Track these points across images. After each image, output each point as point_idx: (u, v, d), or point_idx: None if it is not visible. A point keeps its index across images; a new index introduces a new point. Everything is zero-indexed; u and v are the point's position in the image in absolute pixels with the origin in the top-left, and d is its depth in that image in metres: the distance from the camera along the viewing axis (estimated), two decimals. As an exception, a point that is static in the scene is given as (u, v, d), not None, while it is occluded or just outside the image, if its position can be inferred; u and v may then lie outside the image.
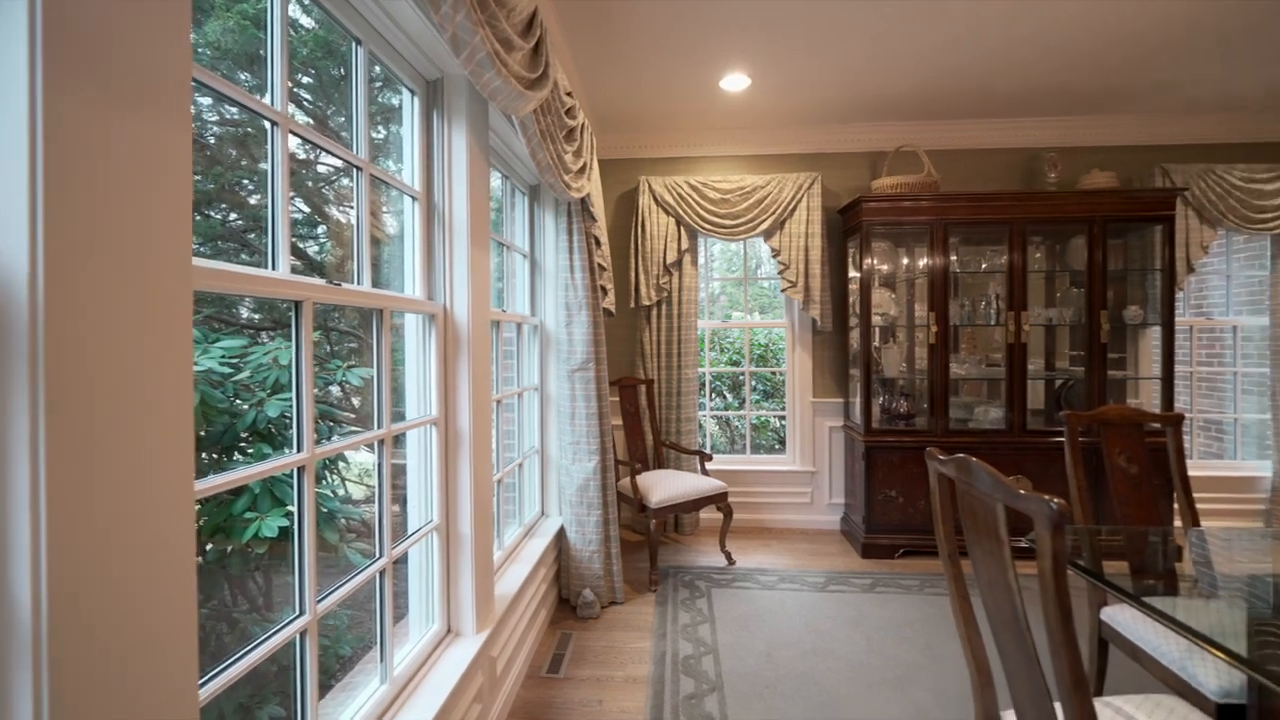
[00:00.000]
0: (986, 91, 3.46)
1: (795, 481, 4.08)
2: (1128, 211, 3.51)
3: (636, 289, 3.99)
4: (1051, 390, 3.86)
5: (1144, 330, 3.74)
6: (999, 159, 4.03)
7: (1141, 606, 1.28)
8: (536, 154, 2.01)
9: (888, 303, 3.94)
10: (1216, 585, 1.53)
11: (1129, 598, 1.32)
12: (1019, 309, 3.51)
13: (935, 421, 3.52)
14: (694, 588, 3.00)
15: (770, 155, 4.14)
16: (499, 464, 2.43)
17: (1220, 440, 4.23)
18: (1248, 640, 1.32)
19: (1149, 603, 1.28)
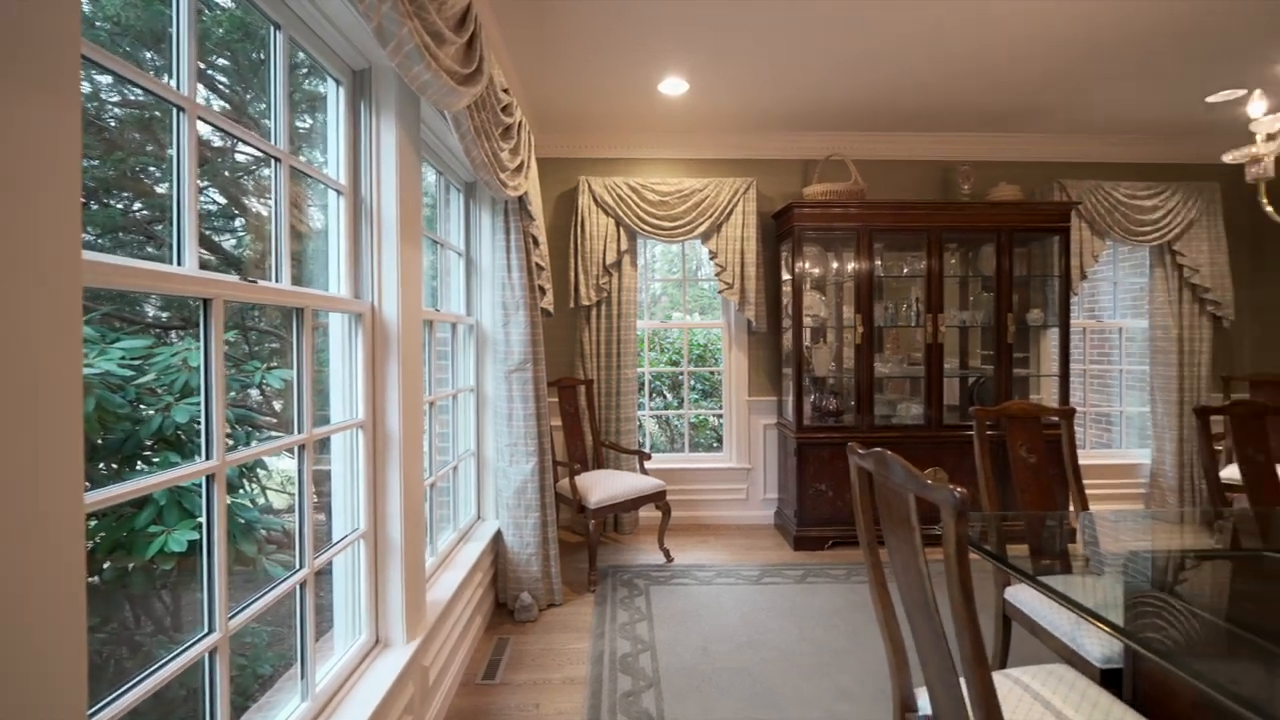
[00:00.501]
0: (909, 107, 3.67)
1: (731, 478, 4.19)
2: (1030, 222, 3.81)
3: (576, 289, 3.98)
4: (965, 387, 4.14)
5: (1045, 331, 4.07)
6: (919, 170, 4.28)
7: (1036, 585, 1.40)
8: (471, 151, 1.97)
9: (818, 305, 4.11)
10: (1103, 562, 1.69)
11: (1025, 577, 1.44)
12: (936, 311, 3.74)
13: (861, 418, 3.70)
14: (633, 586, 3.02)
15: (708, 159, 4.22)
16: (432, 468, 2.36)
17: (1109, 431, 4.67)
18: (1125, 611, 1.47)
19: (1043, 581, 1.40)
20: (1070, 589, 1.74)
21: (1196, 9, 2.55)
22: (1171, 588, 1.48)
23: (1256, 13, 2.58)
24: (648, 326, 4.70)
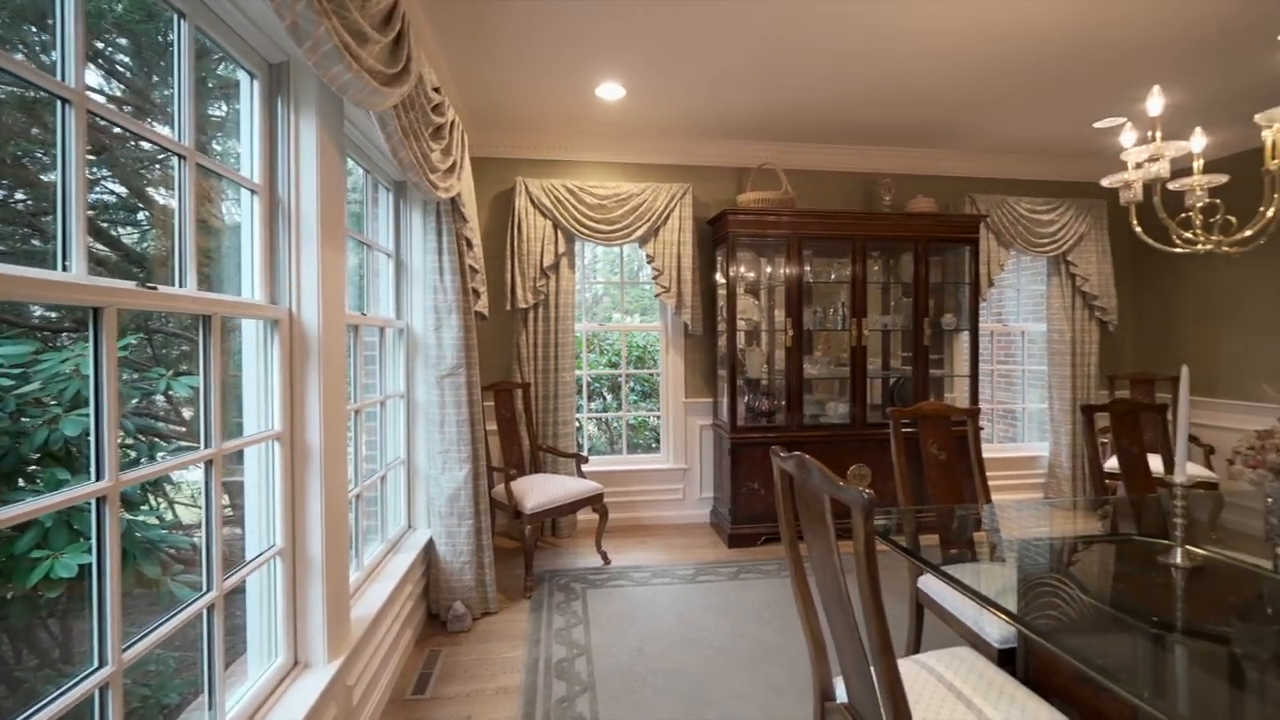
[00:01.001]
0: (837, 120, 3.84)
1: (669, 479, 4.25)
2: (944, 233, 4.08)
3: (513, 291, 3.93)
4: (887, 386, 4.38)
5: (957, 334, 4.36)
6: (845, 181, 4.49)
7: (939, 574, 1.51)
8: (398, 152, 1.92)
9: (752, 308, 4.24)
10: (1002, 550, 1.84)
11: (930, 567, 1.55)
12: (860, 316, 3.94)
13: (792, 418, 3.85)
14: (570, 590, 3.02)
15: (646, 164, 4.27)
16: (358, 478, 2.27)
17: (1014, 425, 5.06)
18: (1018, 595, 1.60)
19: (945, 570, 1.52)
20: (973, 577, 1.88)
21: (1082, 48, 2.81)
22: (1056, 571, 1.62)
23: (1131, 52, 2.86)
24: (586, 329, 4.70)
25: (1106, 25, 2.64)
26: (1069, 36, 2.75)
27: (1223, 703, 1.07)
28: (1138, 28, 2.67)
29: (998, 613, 1.31)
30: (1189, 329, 4.38)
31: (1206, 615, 1.33)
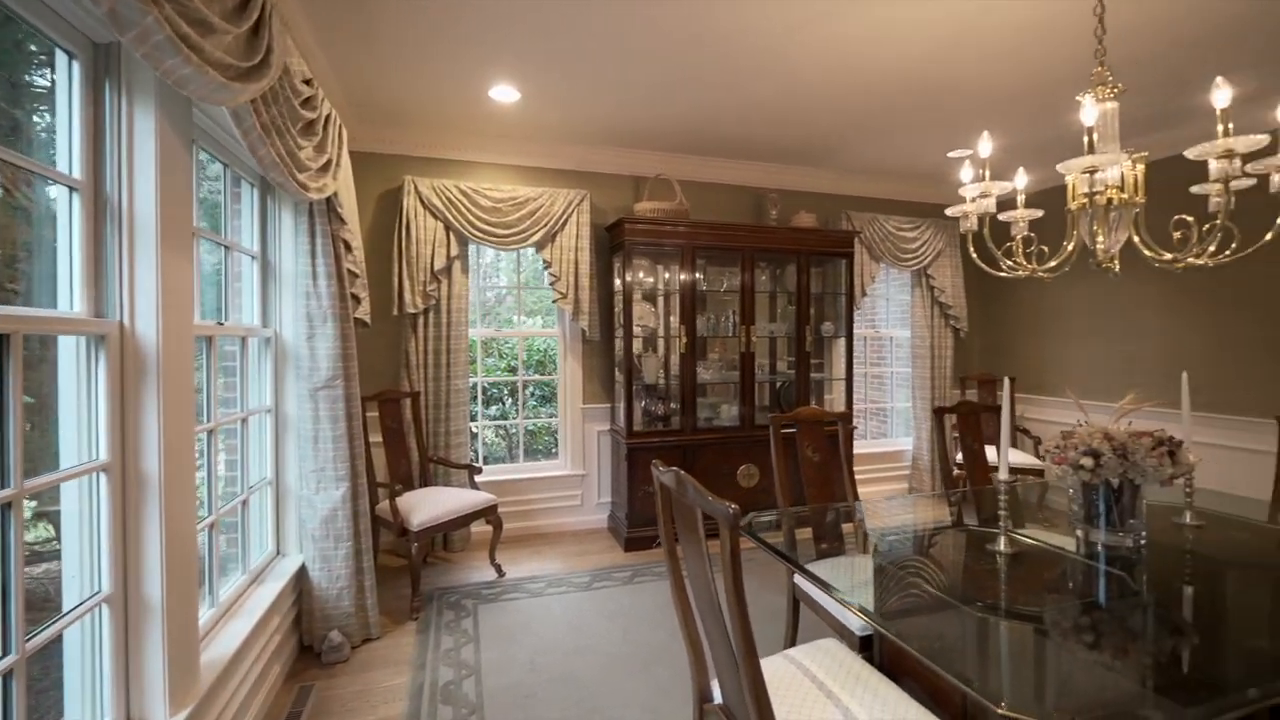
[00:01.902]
0: (728, 136, 4.01)
1: (566, 485, 4.24)
2: (824, 247, 4.39)
3: (401, 295, 3.73)
4: (774, 390, 4.64)
5: (835, 340, 4.71)
6: (736, 194, 4.70)
7: (802, 572, 1.63)
8: (257, 149, 1.76)
9: (648, 315, 4.32)
10: (864, 544, 2.02)
11: (796, 566, 1.67)
12: (749, 323, 4.14)
13: (686, 421, 3.97)
14: (460, 608, 2.92)
15: (543, 169, 4.22)
16: (211, 506, 2.06)
17: (885, 423, 5.54)
18: (874, 586, 1.77)
19: (807, 569, 1.64)
20: (838, 570, 2.04)
21: (932, 93, 3.14)
22: (905, 562, 1.81)
23: (970, 101, 3.24)
24: (481, 334, 4.57)
25: (950, 79, 2.98)
26: (922, 83, 3.06)
27: (1028, 672, 1.24)
28: (973, 85, 3.03)
29: (849, 608, 1.44)
30: (1022, 336, 5.03)
31: (1022, 595, 1.54)
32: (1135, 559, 1.73)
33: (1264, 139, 1.51)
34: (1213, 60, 2.86)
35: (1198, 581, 1.65)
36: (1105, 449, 1.71)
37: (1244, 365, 3.57)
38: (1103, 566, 1.69)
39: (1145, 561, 1.71)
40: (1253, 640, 1.37)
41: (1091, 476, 1.74)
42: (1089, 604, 1.50)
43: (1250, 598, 1.59)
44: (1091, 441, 1.74)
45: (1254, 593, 1.62)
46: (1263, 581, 1.67)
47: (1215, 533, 1.91)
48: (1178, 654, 1.32)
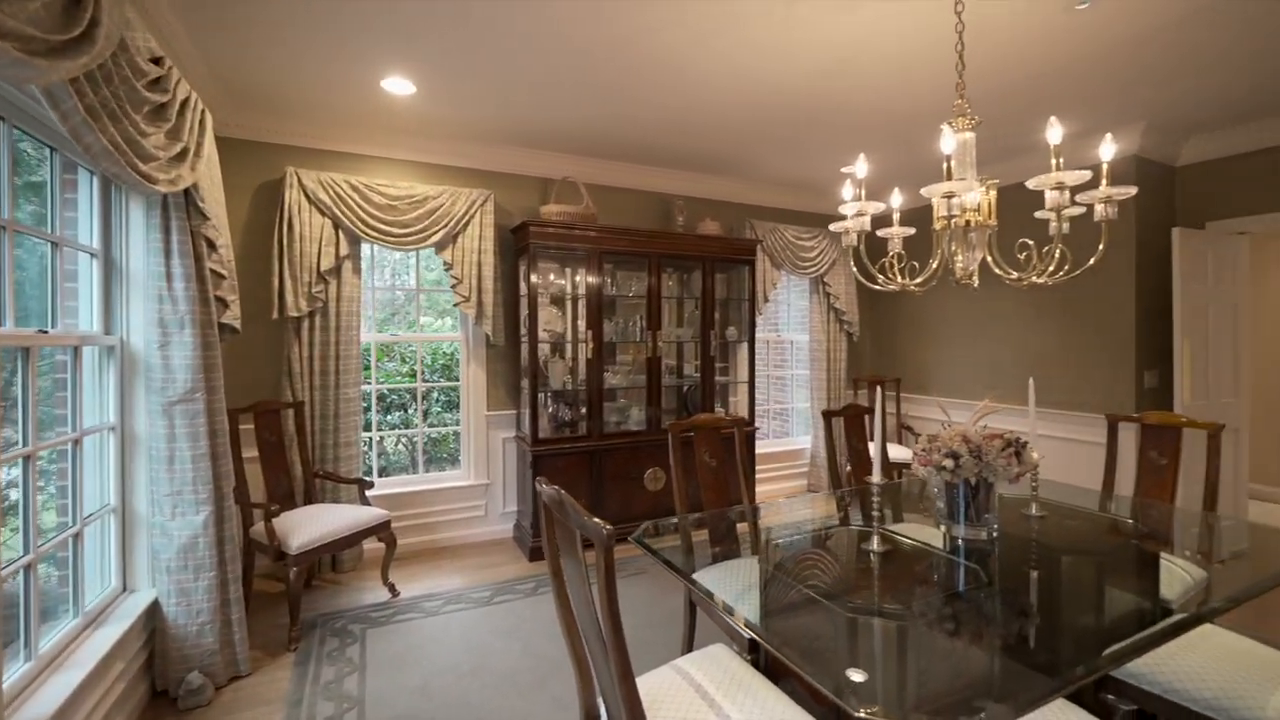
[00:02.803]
0: (635, 142, 4.02)
1: (469, 496, 4.09)
2: (728, 254, 4.52)
3: (282, 297, 3.44)
4: (681, 394, 4.72)
5: (739, 345, 4.86)
6: (644, 199, 4.74)
7: (685, 580, 1.65)
8: (82, 136, 1.54)
9: (555, 319, 4.26)
10: (757, 546, 2.08)
11: (681, 575, 1.69)
12: (655, 328, 4.19)
13: (593, 427, 3.95)
14: (346, 634, 2.73)
15: (445, 166, 4.05)
16: (30, 542, 1.79)
17: (787, 422, 5.80)
18: (759, 590, 1.82)
19: (693, 578, 1.66)
20: (728, 574, 2.08)
21: (822, 112, 3.31)
22: (790, 565, 1.87)
23: (853, 122, 3.45)
24: (376, 339, 4.31)
25: (840, 99, 3.15)
26: (815, 100, 3.22)
27: (892, 667, 1.32)
28: (860, 105, 3.23)
29: (731, 619, 1.47)
30: (907, 340, 5.43)
31: (892, 591, 1.64)
32: (990, 550, 1.90)
33: (1087, 174, 1.70)
34: (1054, 101, 3.22)
35: (1040, 568, 1.84)
36: (963, 451, 1.86)
37: (1084, 368, 4.04)
38: (962, 560, 1.84)
39: (997, 552, 1.88)
40: (1082, 618, 1.54)
41: (952, 476, 1.89)
42: (950, 595, 1.62)
43: (1079, 580, 1.79)
44: (952, 444, 1.89)
45: (1082, 576, 1.82)
46: (1089, 566, 1.88)
47: (1054, 522, 2.13)
48: (1024, 634, 1.46)
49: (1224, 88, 3.14)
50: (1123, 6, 2.37)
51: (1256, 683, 1.53)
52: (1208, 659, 1.64)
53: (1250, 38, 2.62)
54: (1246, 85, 3.11)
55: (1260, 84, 3.09)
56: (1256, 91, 3.18)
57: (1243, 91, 3.18)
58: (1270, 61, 2.84)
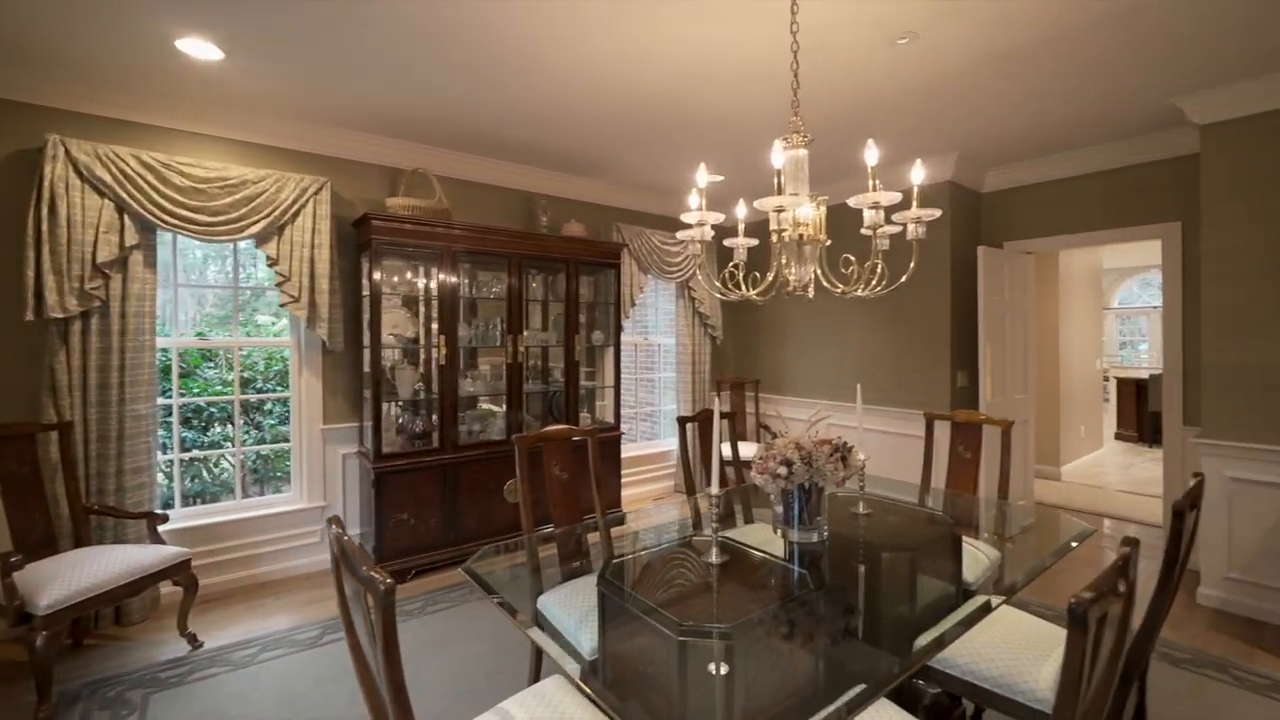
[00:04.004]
0: (495, 136, 3.81)
1: (301, 521, 3.63)
2: (593, 257, 4.45)
3: (40, 294, 2.80)
4: (547, 400, 4.57)
5: (606, 349, 4.81)
6: (506, 197, 4.52)
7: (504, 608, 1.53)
8: None
9: (405, 322, 3.92)
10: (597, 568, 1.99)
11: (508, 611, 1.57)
12: (516, 332, 4.00)
13: (447, 438, 3.68)
14: (121, 705, 2.26)
15: (270, 148, 3.56)
16: None
17: (655, 425, 5.86)
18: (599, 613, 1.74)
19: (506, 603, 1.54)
20: (574, 595, 1.99)
21: (677, 120, 3.34)
22: (627, 582, 1.82)
23: (704, 131, 3.54)
24: (179, 344, 3.70)
25: (697, 106, 3.19)
26: (672, 107, 3.23)
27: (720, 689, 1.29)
28: (715, 113, 3.29)
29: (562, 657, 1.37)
30: (766, 343, 5.72)
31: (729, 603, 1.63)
32: (821, 551, 1.98)
33: (898, 196, 1.82)
34: (881, 128, 3.52)
35: (867, 564, 1.95)
36: (796, 458, 1.92)
37: (909, 369, 4.49)
38: (796, 566, 1.89)
39: (827, 553, 1.97)
40: (899, 612, 1.64)
41: (786, 483, 1.95)
42: (783, 601, 1.65)
43: (897, 575, 1.92)
44: (786, 452, 1.94)
45: (899, 571, 1.96)
46: (905, 562, 2.02)
47: (878, 519, 2.29)
48: (850, 635, 1.51)
49: (1014, 128, 3.61)
50: (935, 46, 2.62)
51: (1031, 657, 1.72)
52: (997, 638, 1.82)
53: (1035, 86, 3.01)
54: (1031, 127, 3.60)
55: (1044, 127, 3.59)
56: (1038, 133, 3.70)
57: (1028, 133, 3.69)
58: (1049, 108, 3.30)
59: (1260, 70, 2.87)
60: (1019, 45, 2.62)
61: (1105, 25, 2.45)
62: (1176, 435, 3.76)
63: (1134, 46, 2.64)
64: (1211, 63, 2.79)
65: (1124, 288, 9.97)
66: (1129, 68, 2.84)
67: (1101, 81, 2.98)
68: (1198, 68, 2.84)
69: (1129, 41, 2.59)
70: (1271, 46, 2.64)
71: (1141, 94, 3.15)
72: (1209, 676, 2.49)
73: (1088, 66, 2.82)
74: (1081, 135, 3.76)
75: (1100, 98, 3.17)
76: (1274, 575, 2.98)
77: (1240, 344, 3.10)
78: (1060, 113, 3.39)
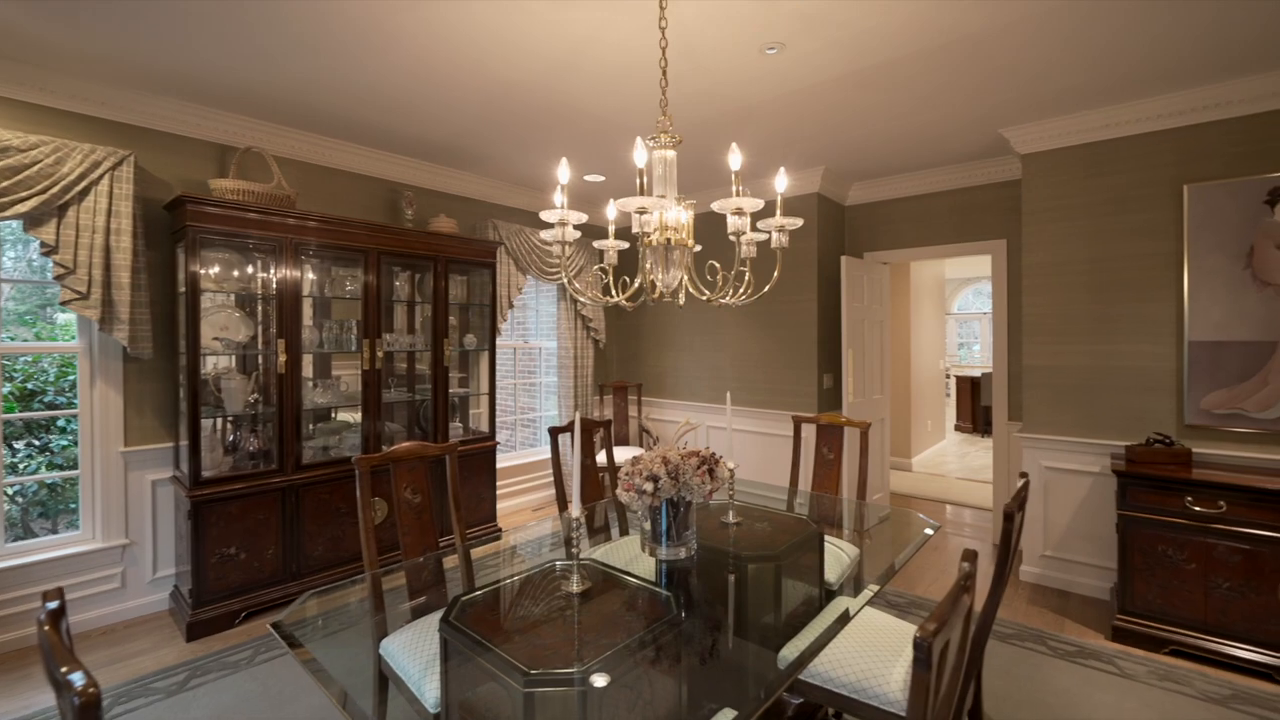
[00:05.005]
0: (351, 117, 3.40)
1: (95, 565, 3.01)
2: (465, 255, 4.14)
3: None
4: (414, 409, 4.20)
5: (481, 354, 4.53)
6: (365, 186, 4.09)
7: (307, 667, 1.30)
8: None
9: (237, 324, 3.39)
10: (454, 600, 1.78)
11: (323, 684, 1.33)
12: (374, 336, 3.61)
13: (288, 457, 3.23)
14: None
15: (46, 108, 2.91)
16: None
17: (537, 431, 5.64)
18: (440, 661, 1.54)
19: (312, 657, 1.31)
20: (420, 638, 1.77)
21: (558, 106, 3.17)
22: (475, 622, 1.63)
23: (589, 121, 3.41)
24: (-82, 350, 2.93)
25: (568, 103, 3.04)
26: (547, 99, 3.05)
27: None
28: (586, 114, 3.16)
29: None
30: (649, 347, 5.70)
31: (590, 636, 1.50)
32: (690, 567, 1.91)
33: (760, 202, 1.79)
34: (752, 137, 3.59)
35: (736, 575, 1.92)
36: (662, 473, 1.83)
37: (781, 371, 4.66)
38: (663, 586, 1.80)
39: (696, 569, 1.90)
40: (766, 618, 1.60)
41: (653, 499, 1.85)
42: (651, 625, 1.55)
43: (764, 583, 1.90)
44: (653, 467, 1.85)
45: (766, 579, 1.94)
46: (773, 569, 2.01)
47: (748, 527, 2.28)
48: (716, 656, 1.44)
49: (874, 146, 3.84)
50: (801, 59, 2.67)
51: (884, 658, 1.76)
52: (852, 642, 1.85)
53: (891, 107, 3.20)
54: (888, 147, 3.85)
55: (899, 147, 3.85)
56: (894, 152, 3.97)
57: (886, 151, 3.95)
58: (903, 130, 3.54)
59: (1072, 107, 3.25)
60: (877, 67, 2.75)
61: (948, 56, 2.63)
62: (1004, 428, 4.21)
63: (972, 78, 2.87)
64: (1031, 98, 3.12)
65: (962, 295, 11.23)
66: (967, 98, 3.10)
67: (945, 108, 3.23)
68: (1018, 102, 3.16)
69: (967, 73, 2.81)
70: (1072, 84, 2.99)
71: (977, 124, 3.46)
72: (1029, 649, 2.76)
73: (934, 93, 3.03)
74: (930, 157, 4.09)
75: (941, 122, 3.44)
76: (1079, 551, 3.41)
77: (1054, 349, 3.51)
78: (912, 135, 3.65)
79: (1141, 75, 2.85)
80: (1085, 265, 3.40)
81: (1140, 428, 3.24)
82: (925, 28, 2.41)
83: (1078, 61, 2.71)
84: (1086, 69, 2.78)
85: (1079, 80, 2.90)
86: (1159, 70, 2.80)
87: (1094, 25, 2.41)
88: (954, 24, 2.38)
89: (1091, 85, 2.96)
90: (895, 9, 2.28)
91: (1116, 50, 2.61)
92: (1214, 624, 2.66)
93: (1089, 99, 3.12)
